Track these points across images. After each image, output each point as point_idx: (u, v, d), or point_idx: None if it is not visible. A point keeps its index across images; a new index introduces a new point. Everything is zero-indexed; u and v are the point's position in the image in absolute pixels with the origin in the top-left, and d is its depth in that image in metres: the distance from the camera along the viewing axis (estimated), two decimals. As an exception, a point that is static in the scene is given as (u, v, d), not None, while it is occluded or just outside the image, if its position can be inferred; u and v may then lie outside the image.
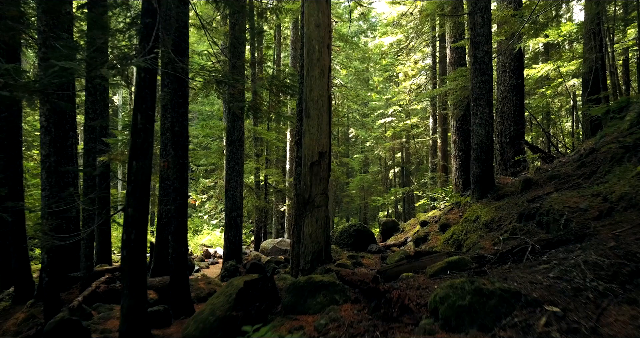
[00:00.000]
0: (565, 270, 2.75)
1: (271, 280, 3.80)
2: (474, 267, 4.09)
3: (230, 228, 10.73)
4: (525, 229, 4.47)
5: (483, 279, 2.93)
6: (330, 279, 3.69)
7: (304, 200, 6.82)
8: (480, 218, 5.38)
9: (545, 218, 4.35)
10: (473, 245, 4.99)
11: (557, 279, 2.68)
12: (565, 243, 3.72)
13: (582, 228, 3.75)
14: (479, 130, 6.26)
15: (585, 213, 4.03)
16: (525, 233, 4.42)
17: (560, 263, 2.98)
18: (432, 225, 9.57)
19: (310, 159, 6.76)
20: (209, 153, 12.15)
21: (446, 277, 3.96)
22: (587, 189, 4.55)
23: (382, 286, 3.58)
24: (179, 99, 7.01)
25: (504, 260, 3.99)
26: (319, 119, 6.69)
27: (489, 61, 6.39)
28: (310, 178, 6.74)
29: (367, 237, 8.69)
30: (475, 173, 6.39)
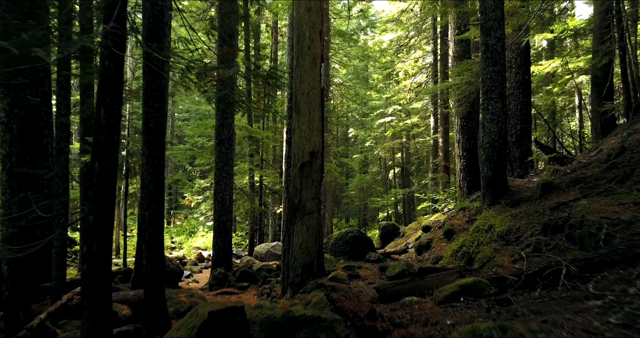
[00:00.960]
0: (636, 314, 1.96)
1: (241, 312, 3.00)
2: (494, 292, 3.29)
3: (219, 234, 9.92)
4: (553, 244, 3.67)
5: (516, 323, 2.11)
6: (314, 313, 2.89)
7: (294, 205, 6.01)
8: (494, 228, 4.58)
9: (577, 232, 3.56)
10: (487, 261, 4.20)
11: (626, 329, 1.89)
12: (610, 265, 2.92)
13: (632, 246, 2.96)
14: (491, 126, 5.45)
15: (630, 226, 3.24)
16: (553, 249, 3.63)
17: (620, 301, 2.18)
18: (436, 231, 8.76)
19: (300, 160, 5.94)
20: (199, 152, 11.33)
21: (460, 306, 3.15)
22: (625, 196, 3.76)
23: (381, 323, 2.77)
24: (153, 92, 6.20)
25: (531, 284, 3.18)
26: (309, 114, 5.87)
27: (501, 49, 5.58)
28: (301, 181, 5.93)
29: (365, 245, 7.88)
30: (486, 175, 5.59)
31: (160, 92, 6.28)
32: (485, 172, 5.53)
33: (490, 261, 4.13)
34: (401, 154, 28.10)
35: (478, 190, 10.28)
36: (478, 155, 6.05)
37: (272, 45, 21.98)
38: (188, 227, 27.10)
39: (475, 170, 10.58)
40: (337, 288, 5.50)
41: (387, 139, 26.25)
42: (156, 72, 6.13)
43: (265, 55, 22.83)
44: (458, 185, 10.57)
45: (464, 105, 9.48)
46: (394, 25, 20.52)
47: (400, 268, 6.21)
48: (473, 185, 10.31)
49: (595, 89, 12.84)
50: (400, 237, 11.34)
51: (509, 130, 11.44)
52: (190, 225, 27.31)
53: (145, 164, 6.20)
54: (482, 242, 4.62)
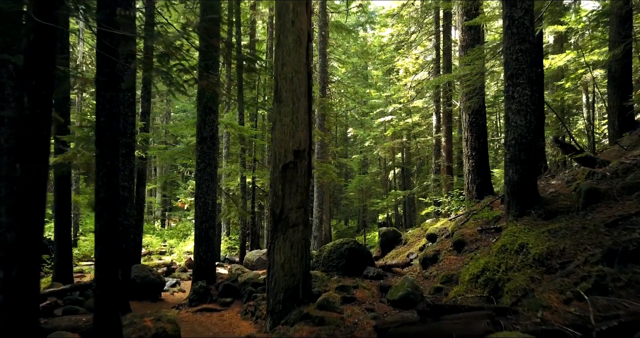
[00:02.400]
0: None
1: None
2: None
3: (200, 243, 8.78)
4: (625, 280, 2.56)
5: None
6: None
7: (274, 216, 4.86)
8: (527, 249, 3.46)
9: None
10: (523, 295, 3.09)
11: None
12: None
13: None
14: (517, 119, 4.32)
15: None
16: (626, 287, 2.52)
17: None
18: (443, 242, 7.61)
19: (283, 160, 4.79)
20: (180, 152, 10.18)
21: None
22: None
23: None
24: (103, 78, 5.04)
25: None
26: (293, 105, 4.72)
27: (530, 23, 4.44)
28: (283, 186, 4.77)
29: (363, 258, 6.74)
30: (511, 179, 4.47)
31: (114, 78, 5.11)
32: (510, 176, 4.39)
33: (528, 296, 3.02)
34: (401, 154, 26.95)
35: (489, 193, 9.13)
36: (504, 155, 4.90)
37: (268, 41, 20.87)
38: (183, 229, 25.98)
39: (486, 171, 9.44)
40: (327, 319, 4.34)
41: (387, 139, 25.10)
42: (108, 53, 4.97)
43: (262, 51, 21.70)
44: (466, 188, 9.42)
45: (475, 98, 8.35)
46: (394, 19, 19.40)
47: (404, 291, 5.07)
48: (483, 188, 9.18)
49: (613, 82, 11.69)
50: (401, 245, 10.20)
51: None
52: (185, 228, 26.20)
53: (96, 166, 5.04)
54: (511, 267, 3.51)
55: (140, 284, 9.79)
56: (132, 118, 7.51)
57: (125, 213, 7.38)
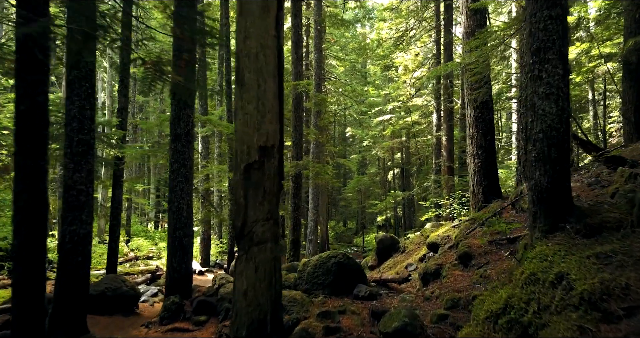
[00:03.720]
0: None
1: None
2: None
3: (173, 253, 7.74)
4: None
5: None
6: None
7: (236, 231, 3.77)
8: (570, 281, 2.44)
9: None
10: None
11: None
12: None
13: None
14: (546, 105, 3.27)
15: None
16: None
17: None
18: (447, 253, 6.54)
19: (245, 159, 3.71)
20: (153, 151, 9.09)
21: None
22: None
23: None
24: (24, 56, 3.99)
25: None
26: (259, 88, 3.65)
27: (560, -16, 3.47)
28: (245, 192, 3.70)
29: (353, 274, 5.69)
30: (538, 184, 3.40)
31: (41, 60, 4.06)
32: (536, 179, 3.34)
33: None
34: (401, 154, 25.89)
35: (496, 197, 8.09)
36: (528, 153, 3.81)
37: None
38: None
39: (493, 172, 8.39)
40: (300, 366, 3.27)
41: (386, 138, 24.06)
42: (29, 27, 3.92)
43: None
44: (471, 191, 8.37)
45: (483, 89, 7.29)
46: (392, 13, 18.35)
47: (400, 322, 4.02)
48: (490, 191, 8.12)
49: (629, 75, 10.61)
50: (400, 253, 9.14)
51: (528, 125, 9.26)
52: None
53: (15, 167, 3.99)
54: (547, 307, 2.48)
55: (111, 297, 8.74)
56: (91, 112, 6.46)
57: (82, 221, 6.33)
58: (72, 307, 6.36)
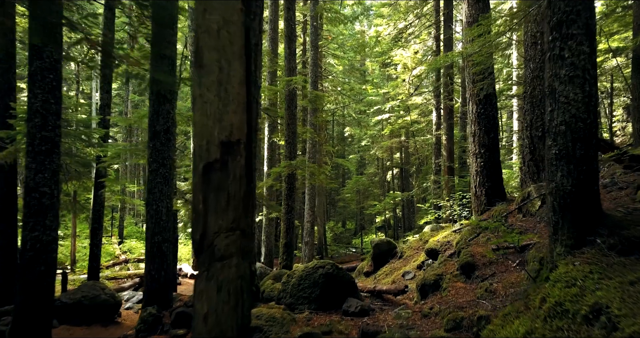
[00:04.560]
0: None
1: None
2: None
3: (152, 259, 7.10)
4: None
5: None
6: None
7: (194, 243, 3.09)
8: (610, 316, 1.85)
9: None
10: None
11: None
12: None
13: None
14: (570, 90, 2.62)
15: None
16: None
17: None
18: (447, 262, 5.89)
19: (204, 157, 3.03)
20: (132, 149, 8.37)
21: None
22: None
23: None
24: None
25: None
26: (221, 72, 2.98)
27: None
28: (205, 197, 3.02)
29: (343, 286, 5.05)
30: (560, 187, 2.79)
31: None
32: (557, 181, 2.70)
33: None
34: (400, 153, 25.24)
35: (500, 199, 7.45)
36: (547, 149, 3.14)
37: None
38: (172, 232, 24.33)
39: (497, 173, 7.75)
40: None
41: (385, 138, 23.42)
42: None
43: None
44: (473, 193, 7.73)
45: (487, 81, 6.64)
46: (390, 9, 17.71)
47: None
48: (494, 192, 7.49)
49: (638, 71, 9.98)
50: (397, 259, 8.50)
51: (532, 122, 8.68)
52: (174, 231, 24.54)
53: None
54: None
55: (89, 306, 8.13)
56: (56, 106, 5.84)
57: (45, 226, 5.70)
58: (34, 321, 5.73)
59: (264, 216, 14.30)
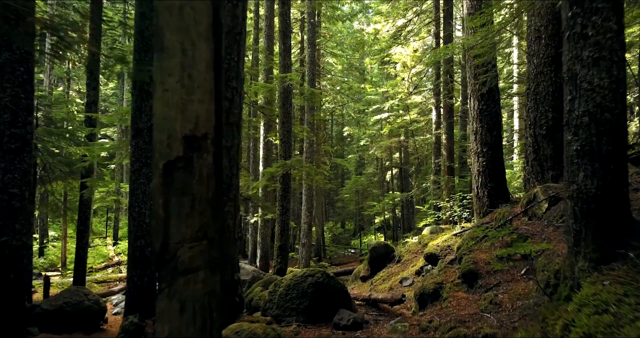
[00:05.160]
0: None
1: None
2: None
3: (134, 265, 6.68)
4: None
5: None
6: None
7: (154, 253, 2.62)
8: None
9: None
10: None
11: None
12: None
13: None
14: (594, 76, 2.18)
15: None
16: None
17: None
18: (447, 269, 5.45)
19: (165, 155, 2.57)
20: (104, 149, 7.86)
21: None
22: None
23: None
24: None
25: None
26: (184, 55, 2.52)
27: None
28: (166, 202, 2.56)
29: (334, 297, 4.61)
30: (582, 190, 2.37)
31: None
32: (579, 182, 2.26)
33: None
34: (399, 153, 24.80)
35: (504, 201, 7.01)
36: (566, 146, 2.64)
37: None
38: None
39: (500, 173, 7.32)
40: None
41: (384, 137, 22.97)
42: None
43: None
44: (475, 194, 7.29)
45: (491, 73, 6.21)
46: (389, 7, 17.28)
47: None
48: (497, 194, 7.06)
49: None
50: (394, 263, 8.06)
51: (536, 120, 8.25)
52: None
53: None
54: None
55: (71, 313, 7.69)
56: (28, 101, 5.41)
57: (15, 231, 5.27)
58: (4, 332, 5.31)
59: (259, 217, 13.86)
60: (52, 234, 19.60)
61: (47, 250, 17.20)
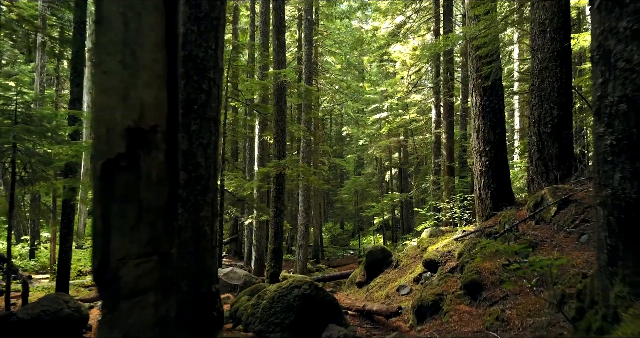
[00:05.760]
0: None
1: None
2: None
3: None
4: None
5: None
6: None
7: (93, 271, 2.12)
8: None
9: None
10: None
11: None
12: None
13: None
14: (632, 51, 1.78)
15: None
16: None
17: None
18: (448, 278, 4.97)
19: (105, 152, 2.05)
20: (83, 148, 7.29)
21: None
22: None
23: None
24: None
25: None
26: (127, 29, 2.02)
27: None
28: (105, 209, 2.04)
29: (323, 310, 4.14)
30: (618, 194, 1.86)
31: None
32: (615, 185, 1.80)
33: None
34: (398, 153, 24.32)
35: (508, 203, 6.54)
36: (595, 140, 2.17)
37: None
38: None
39: (504, 173, 6.85)
40: None
41: (383, 137, 22.51)
42: None
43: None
44: (477, 196, 6.82)
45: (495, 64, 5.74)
46: (388, 3, 16.82)
47: None
48: (500, 195, 6.59)
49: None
50: (392, 268, 7.60)
51: (541, 118, 7.82)
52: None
53: None
54: None
55: (50, 322, 7.21)
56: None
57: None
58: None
59: (254, 219, 13.39)
60: (46, 235, 19.13)
61: (38, 252, 16.74)
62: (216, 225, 4.08)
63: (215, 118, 4.07)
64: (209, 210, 4.02)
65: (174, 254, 2.25)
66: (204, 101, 3.98)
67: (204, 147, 3.97)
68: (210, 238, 4.09)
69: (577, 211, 4.69)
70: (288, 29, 21.07)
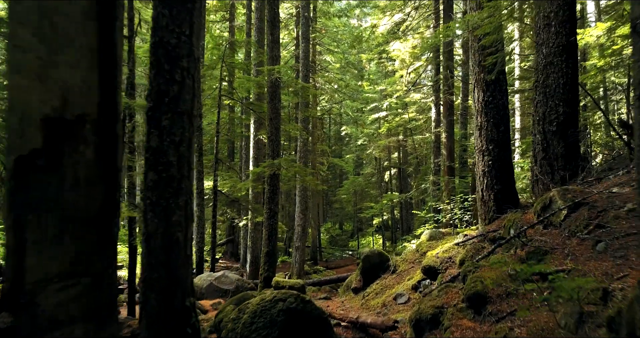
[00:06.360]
0: None
1: None
2: None
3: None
4: None
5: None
6: None
7: (6, 299, 1.65)
8: None
9: None
10: None
11: None
12: None
13: None
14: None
15: None
16: None
17: None
18: (449, 289, 4.53)
19: (17, 147, 1.59)
20: None
21: None
22: None
23: None
24: None
25: None
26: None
27: None
28: (18, 219, 1.58)
29: (311, 326, 3.71)
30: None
31: None
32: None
33: None
34: (398, 153, 23.89)
35: (512, 205, 6.12)
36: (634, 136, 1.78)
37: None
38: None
39: (508, 173, 6.42)
40: None
41: (382, 137, 22.07)
42: None
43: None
44: (479, 198, 6.39)
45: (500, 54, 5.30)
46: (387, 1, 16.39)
47: None
48: (504, 197, 6.16)
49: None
50: (389, 273, 7.17)
51: (546, 115, 7.40)
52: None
53: None
54: None
55: (27, 329, 6.81)
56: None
57: None
58: None
59: (249, 220, 12.96)
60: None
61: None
62: (191, 231, 3.65)
63: (189, 112, 3.63)
64: (182, 214, 3.58)
65: (111, 274, 1.80)
66: (176, 93, 3.54)
67: (176, 144, 3.54)
68: (183, 245, 3.66)
69: (590, 215, 4.25)
70: (286, 27, 20.66)
